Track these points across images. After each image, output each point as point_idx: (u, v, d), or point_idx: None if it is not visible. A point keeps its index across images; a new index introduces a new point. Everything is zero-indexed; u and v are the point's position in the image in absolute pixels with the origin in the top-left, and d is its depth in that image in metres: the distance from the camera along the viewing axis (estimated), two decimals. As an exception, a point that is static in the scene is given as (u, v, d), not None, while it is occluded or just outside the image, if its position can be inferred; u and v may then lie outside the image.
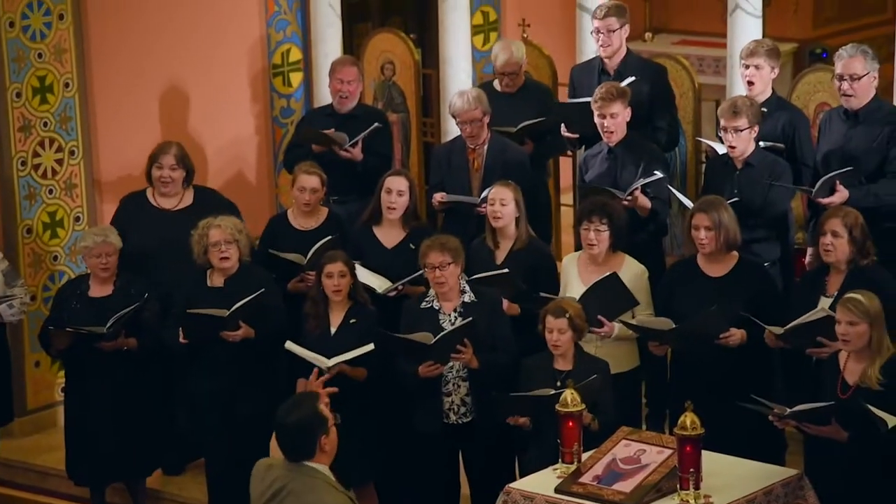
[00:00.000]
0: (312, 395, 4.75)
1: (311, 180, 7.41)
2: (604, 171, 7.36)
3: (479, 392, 6.53)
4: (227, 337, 6.81)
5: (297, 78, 9.18)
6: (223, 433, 6.93)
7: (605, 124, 7.28)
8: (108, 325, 6.89)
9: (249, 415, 6.81)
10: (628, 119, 7.33)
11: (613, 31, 7.83)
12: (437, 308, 6.63)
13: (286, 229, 7.47)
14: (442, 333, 6.44)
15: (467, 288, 6.65)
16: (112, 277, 7.11)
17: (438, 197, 7.65)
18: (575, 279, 6.80)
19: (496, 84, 8.24)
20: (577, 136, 7.84)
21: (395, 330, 6.62)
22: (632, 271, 6.74)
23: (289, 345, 6.63)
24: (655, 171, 7.19)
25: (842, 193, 6.86)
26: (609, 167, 7.34)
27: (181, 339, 6.85)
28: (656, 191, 7.26)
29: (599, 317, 6.59)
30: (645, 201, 7.21)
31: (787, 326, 6.24)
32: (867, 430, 5.55)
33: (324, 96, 8.71)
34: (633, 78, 7.63)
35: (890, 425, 5.38)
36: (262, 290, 6.78)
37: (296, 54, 9.14)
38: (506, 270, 6.85)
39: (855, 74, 7.00)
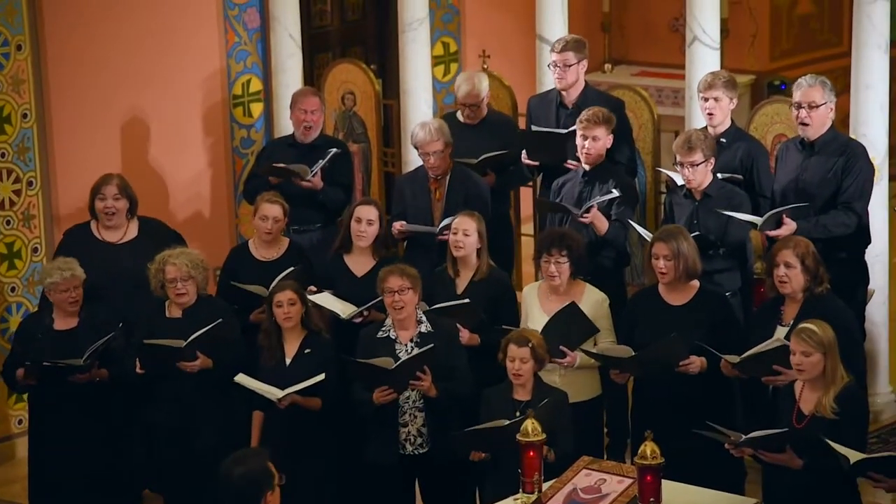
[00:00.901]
0: (260, 450, 4.70)
1: (273, 209, 7.41)
2: (575, 193, 7.40)
3: (436, 422, 6.53)
4: (184, 367, 6.78)
5: (257, 108, 9.18)
6: (181, 466, 6.89)
7: (586, 146, 7.34)
8: (85, 357, 6.84)
9: (207, 448, 6.78)
10: (608, 146, 7.38)
11: (570, 66, 7.90)
12: (393, 337, 6.63)
13: (247, 260, 7.46)
14: (403, 359, 6.44)
15: (424, 318, 6.66)
16: (78, 310, 7.08)
17: (398, 226, 7.67)
18: (536, 309, 6.82)
19: (459, 115, 8.27)
20: (536, 163, 7.88)
21: (352, 356, 6.61)
22: (593, 299, 6.77)
23: (240, 378, 6.61)
24: (612, 189, 7.24)
25: (789, 226, 6.91)
26: (581, 191, 7.39)
27: (138, 370, 6.81)
28: (618, 214, 7.30)
29: (562, 347, 6.60)
30: (602, 221, 7.25)
31: (743, 356, 6.28)
32: (821, 458, 5.58)
33: (284, 127, 8.72)
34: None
35: (853, 461, 5.41)
36: (219, 320, 6.76)
37: (256, 85, 9.14)
38: (467, 301, 6.87)
39: (813, 103, 7.08)
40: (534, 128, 7.99)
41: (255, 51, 9.12)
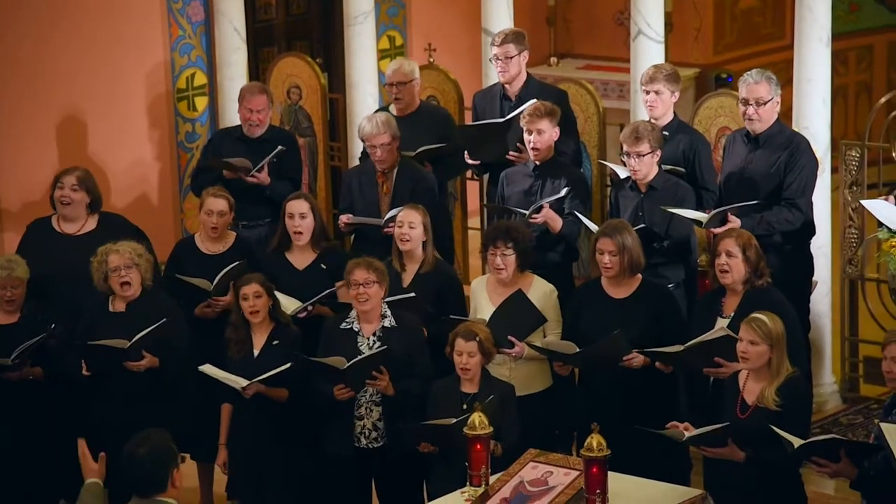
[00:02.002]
0: (162, 430, 4.72)
1: (218, 203, 7.37)
2: (525, 188, 7.42)
3: (392, 417, 6.52)
4: (130, 367, 6.74)
5: (202, 102, 9.13)
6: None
7: (532, 140, 7.35)
8: (13, 356, 6.78)
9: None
10: (555, 138, 7.40)
11: (511, 58, 7.90)
12: (356, 330, 6.62)
13: (193, 254, 7.42)
14: (354, 360, 6.43)
15: (388, 312, 6.65)
16: (18, 308, 7.01)
17: (344, 219, 7.66)
18: (485, 302, 6.83)
19: (392, 108, 8.25)
20: (478, 162, 7.88)
21: (314, 349, 6.60)
22: (540, 290, 6.79)
23: (205, 368, 6.59)
24: (562, 190, 7.26)
25: (734, 222, 6.95)
26: (531, 185, 7.40)
27: (84, 371, 6.77)
28: (572, 209, 7.32)
29: (510, 337, 6.62)
30: (555, 219, 7.26)
31: (687, 344, 6.32)
32: (763, 449, 5.63)
33: (230, 120, 8.68)
34: (533, 100, 7.71)
35: (796, 445, 5.46)
36: (164, 319, 6.72)
37: (200, 79, 9.09)
38: (412, 294, 6.86)
39: (760, 99, 7.12)
40: (469, 123, 7.99)
41: (199, 44, 9.07)
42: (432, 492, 6.39)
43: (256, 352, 6.67)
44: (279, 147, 8.01)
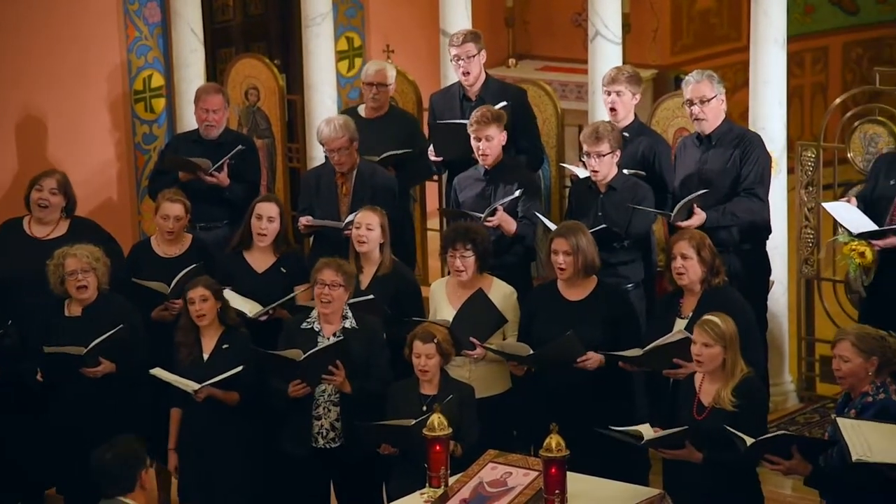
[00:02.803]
0: (133, 437, 4.78)
1: (174, 208, 7.34)
2: (478, 192, 7.42)
3: (350, 418, 6.52)
4: (87, 374, 6.71)
5: (159, 104, 9.10)
6: (84, 467, 6.81)
7: (481, 147, 7.36)
8: None
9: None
10: (504, 143, 7.42)
11: (472, 58, 7.93)
12: (317, 329, 6.61)
13: (149, 257, 7.39)
14: (311, 350, 6.42)
15: (350, 314, 6.64)
16: None
17: (304, 221, 7.64)
18: (444, 304, 6.83)
19: (361, 110, 8.25)
20: (441, 159, 7.89)
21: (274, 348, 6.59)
22: (500, 292, 6.80)
23: (156, 371, 6.56)
24: (515, 191, 7.28)
25: (699, 216, 7.01)
26: (483, 189, 7.41)
27: (38, 378, 6.73)
28: (525, 211, 7.34)
29: (472, 339, 6.62)
30: (510, 222, 7.28)
31: (647, 348, 6.34)
32: (721, 450, 5.66)
33: (188, 122, 8.64)
34: (504, 102, 7.72)
35: (748, 443, 5.49)
36: (121, 325, 6.69)
37: (158, 80, 9.06)
38: (371, 297, 6.86)
39: (704, 97, 7.17)
40: (444, 121, 7.98)
41: (156, 46, 9.03)
42: (392, 493, 6.39)
43: (206, 355, 6.65)
44: (239, 146, 7.99)
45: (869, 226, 6.88)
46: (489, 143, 7.34)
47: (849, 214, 6.98)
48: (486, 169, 7.43)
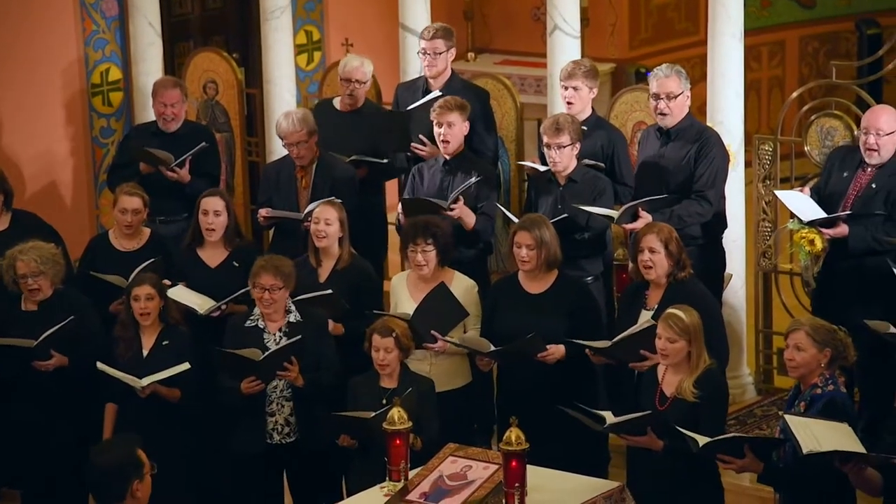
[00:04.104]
0: (132, 437, 4.63)
1: (132, 201, 7.31)
2: (437, 182, 7.42)
3: (303, 411, 6.51)
4: (38, 367, 6.66)
5: (117, 97, 9.05)
6: (37, 463, 6.78)
7: (442, 133, 7.36)
8: None
9: (64, 443, 6.68)
10: (466, 133, 7.41)
11: (440, 54, 7.93)
12: (261, 327, 6.60)
13: (107, 250, 7.35)
14: (271, 350, 6.41)
15: (293, 308, 6.63)
16: None
17: (264, 212, 7.63)
18: (405, 298, 6.83)
19: (336, 102, 8.24)
20: (425, 151, 7.84)
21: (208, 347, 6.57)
22: (462, 286, 6.80)
23: (101, 365, 6.53)
24: (471, 178, 7.28)
25: (645, 218, 7.02)
26: (442, 179, 7.41)
27: None
28: (486, 207, 7.34)
29: (433, 332, 6.63)
30: (469, 215, 7.28)
31: (615, 339, 6.36)
32: (681, 440, 5.69)
33: (146, 116, 8.61)
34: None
35: (701, 444, 5.53)
36: (71, 318, 6.65)
37: (115, 73, 9.01)
38: (329, 291, 6.85)
39: (671, 93, 7.19)
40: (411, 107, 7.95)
41: (113, 39, 8.98)
42: (351, 486, 6.39)
43: (146, 352, 6.62)
44: (202, 143, 7.96)
45: (820, 214, 6.94)
46: (450, 129, 7.35)
47: (801, 203, 7.03)
48: (446, 159, 7.44)
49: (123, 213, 7.31)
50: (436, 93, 7.78)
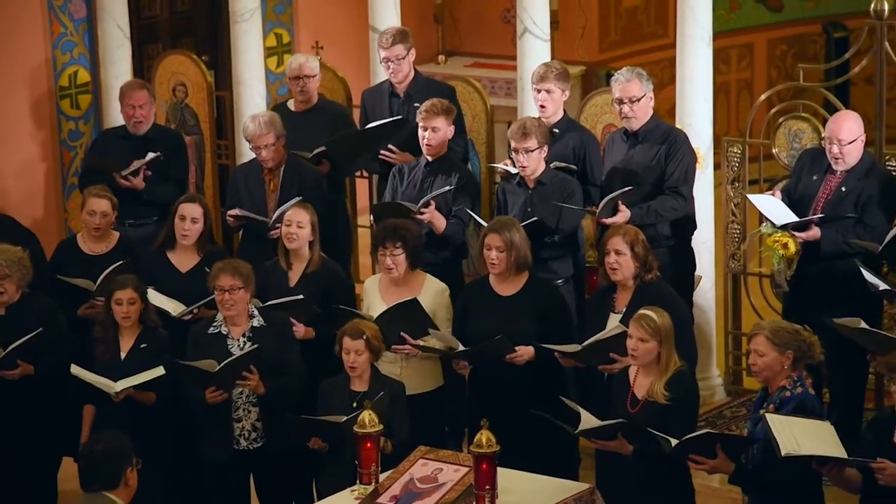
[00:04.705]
0: (121, 432, 4.78)
1: (100, 203, 7.28)
2: (417, 182, 7.43)
3: (270, 417, 6.50)
4: (4, 376, 6.63)
5: (85, 100, 9.01)
6: (5, 468, 6.74)
7: (427, 136, 7.37)
8: None
9: (33, 449, 6.63)
10: (450, 137, 7.43)
11: (402, 59, 7.95)
12: (224, 333, 6.58)
13: (75, 254, 7.32)
14: (225, 361, 6.39)
15: (256, 312, 6.61)
16: None
17: (232, 212, 7.60)
18: (377, 301, 6.83)
19: (290, 104, 8.24)
20: (396, 157, 7.85)
21: (185, 353, 6.55)
22: (433, 289, 6.81)
23: (75, 369, 6.50)
24: (447, 186, 7.29)
25: (624, 213, 7.06)
26: (423, 180, 7.42)
27: None
28: (459, 212, 7.35)
29: (403, 334, 6.62)
30: (440, 219, 7.29)
31: (585, 343, 6.38)
32: (651, 444, 5.71)
33: (115, 119, 8.57)
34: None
35: (673, 444, 5.55)
36: (39, 329, 6.61)
37: (84, 76, 8.97)
38: (300, 297, 6.84)
39: (633, 97, 7.22)
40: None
41: (81, 42, 8.95)
42: (322, 489, 6.38)
43: (123, 354, 6.61)
44: (151, 154, 7.91)
45: (792, 218, 6.97)
46: (435, 134, 7.38)
47: (773, 207, 7.06)
48: (428, 160, 7.45)
49: (92, 215, 7.28)
50: (398, 117, 7.80)
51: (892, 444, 5.19)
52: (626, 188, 7.07)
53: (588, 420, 5.80)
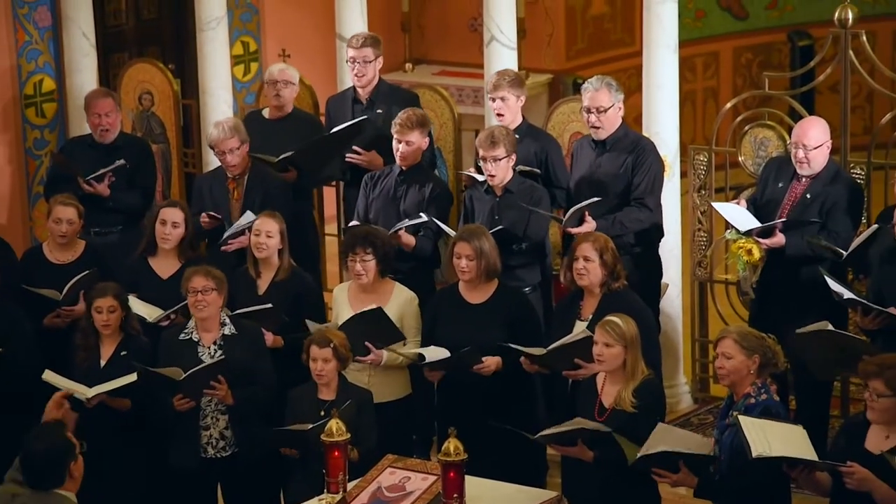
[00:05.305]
0: (59, 423, 4.76)
1: (66, 211, 7.25)
2: (389, 191, 7.42)
3: (239, 424, 6.48)
4: None
5: (50, 109, 8.97)
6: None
7: (400, 149, 7.37)
8: None
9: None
10: (424, 148, 7.44)
11: (369, 62, 7.95)
12: (195, 340, 6.56)
13: (41, 263, 7.30)
14: (191, 371, 6.37)
15: (228, 320, 6.59)
16: None
17: (205, 217, 7.56)
18: (346, 309, 6.82)
19: (265, 112, 8.23)
20: (363, 159, 7.83)
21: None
22: (402, 297, 6.81)
23: (47, 375, 6.47)
24: (422, 214, 7.30)
25: (590, 224, 7.08)
26: (395, 188, 7.41)
27: None
28: (430, 223, 7.36)
29: (367, 343, 6.61)
30: (409, 239, 7.28)
31: (549, 347, 6.39)
32: (611, 451, 5.72)
33: (80, 127, 8.54)
34: (379, 111, 7.76)
35: (638, 455, 5.56)
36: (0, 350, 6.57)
37: (49, 85, 8.94)
38: (269, 305, 6.83)
39: (602, 107, 7.24)
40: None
41: (47, 50, 8.91)
42: (290, 498, 6.37)
43: (103, 361, 6.59)
44: (119, 162, 7.88)
45: (755, 224, 7.01)
46: (409, 147, 7.39)
47: (737, 214, 7.10)
48: (402, 169, 7.45)
49: (58, 223, 7.25)
50: (361, 118, 7.80)
51: (863, 449, 5.22)
52: (594, 199, 7.09)
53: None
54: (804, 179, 7.07)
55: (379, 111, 7.91)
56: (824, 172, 7.05)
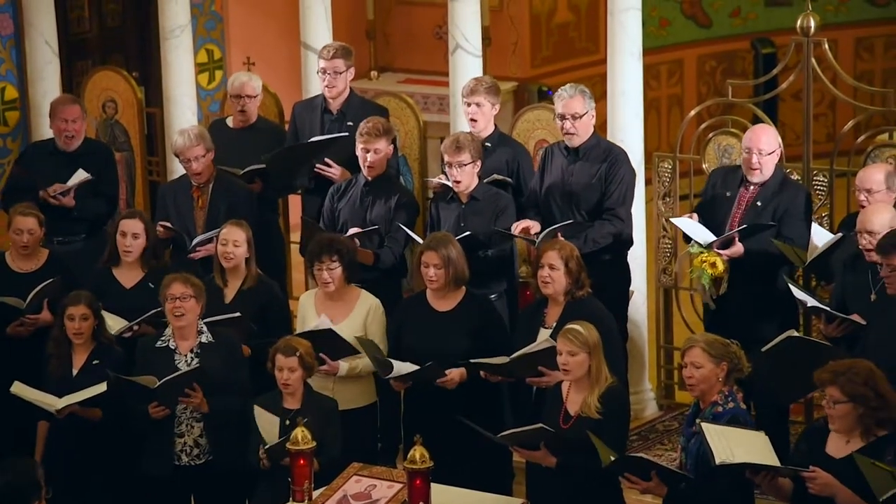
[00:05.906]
0: (30, 460, 4.65)
1: (27, 221, 7.21)
2: (356, 202, 7.41)
3: (214, 432, 6.45)
4: None
5: (13, 117, 8.93)
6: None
7: (368, 158, 7.37)
8: None
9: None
10: (390, 156, 7.43)
11: (340, 73, 7.95)
12: (172, 347, 6.54)
13: (4, 272, 7.26)
14: (165, 379, 6.35)
15: (205, 328, 6.57)
16: None
17: (163, 225, 7.54)
18: (313, 316, 6.81)
19: (229, 121, 8.21)
20: (334, 172, 7.83)
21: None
22: (367, 305, 6.80)
23: (16, 387, 6.43)
24: (400, 226, 7.28)
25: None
26: (362, 199, 7.41)
27: None
28: (394, 232, 7.35)
29: (321, 354, 6.60)
30: (366, 257, 7.26)
31: (513, 356, 6.40)
32: (575, 457, 5.73)
33: (43, 135, 8.50)
34: (350, 123, 7.76)
35: (612, 458, 5.56)
36: None
37: (11, 93, 8.89)
38: (237, 314, 6.81)
39: (576, 114, 7.26)
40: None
41: (9, 58, 8.86)
42: (256, 508, 6.35)
43: (75, 371, 6.56)
44: (84, 174, 7.85)
45: (712, 237, 7.03)
46: (377, 155, 7.39)
47: (695, 228, 7.13)
48: (368, 180, 7.44)
49: (19, 233, 7.21)
50: (343, 134, 7.79)
51: (825, 454, 5.24)
52: (568, 221, 7.09)
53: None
54: (752, 187, 7.11)
55: (350, 123, 7.89)
56: (772, 180, 7.10)
